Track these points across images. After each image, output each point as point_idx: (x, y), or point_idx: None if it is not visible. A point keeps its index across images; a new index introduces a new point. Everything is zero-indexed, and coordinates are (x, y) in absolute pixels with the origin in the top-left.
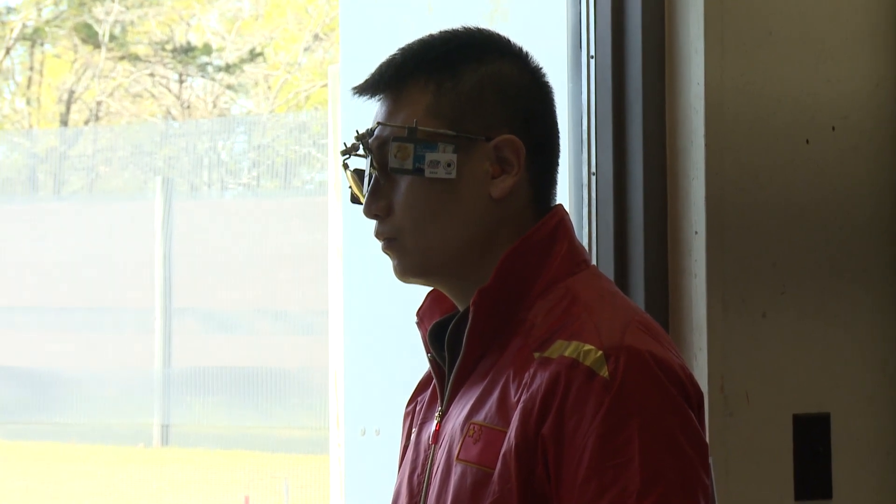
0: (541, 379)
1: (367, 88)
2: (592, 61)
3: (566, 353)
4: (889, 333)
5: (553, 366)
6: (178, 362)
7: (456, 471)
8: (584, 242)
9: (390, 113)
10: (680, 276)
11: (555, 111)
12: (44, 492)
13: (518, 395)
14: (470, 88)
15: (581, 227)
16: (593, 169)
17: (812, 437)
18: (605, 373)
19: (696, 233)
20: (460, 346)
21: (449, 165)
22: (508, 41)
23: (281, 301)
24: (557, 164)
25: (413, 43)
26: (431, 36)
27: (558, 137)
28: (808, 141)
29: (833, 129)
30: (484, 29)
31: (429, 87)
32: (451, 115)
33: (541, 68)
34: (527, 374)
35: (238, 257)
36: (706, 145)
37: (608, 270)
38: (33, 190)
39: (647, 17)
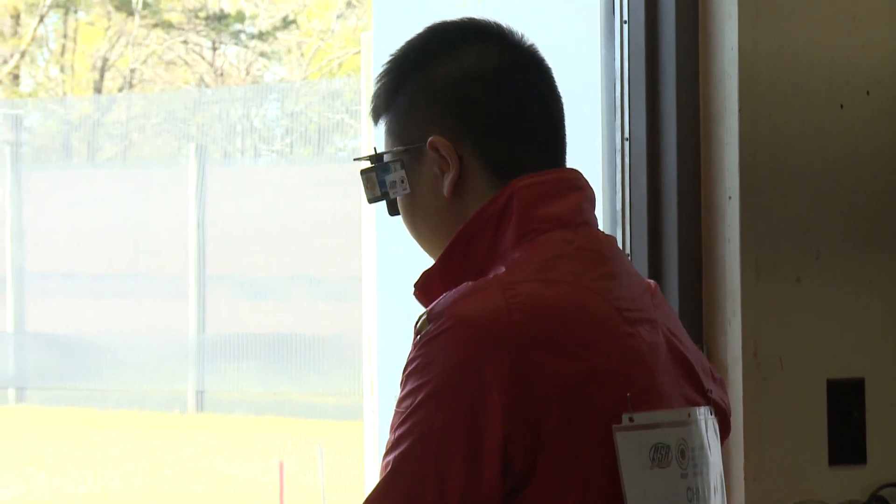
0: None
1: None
2: (625, 26)
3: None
4: None
5: None
6: (212, 329)
7: None
8: (618, 207)
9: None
10: (714, 242)
11: (519, 90)
12: (80, 457)
13: None
14: (406, 100)
15: (614, 193)
16: (627, 135)
17: (846, 401)
18: (421, 335)
19: (730, 198)
20: None
21: (403, 182)
22: (478, 28)
23: (314, 268)
24: (527, 141)
25: (379, 74)
26: (394, 55)
27: (522, 115)
28: (842, 105)
29: (867, 93)
30: (452, 22)
31: (389, 114)
32: (398, 131)
33: (518, 47)
34: None
35: (271, 224)
36: (740, 110)
37: (641, 236)
38: (67, 157)
39: None
